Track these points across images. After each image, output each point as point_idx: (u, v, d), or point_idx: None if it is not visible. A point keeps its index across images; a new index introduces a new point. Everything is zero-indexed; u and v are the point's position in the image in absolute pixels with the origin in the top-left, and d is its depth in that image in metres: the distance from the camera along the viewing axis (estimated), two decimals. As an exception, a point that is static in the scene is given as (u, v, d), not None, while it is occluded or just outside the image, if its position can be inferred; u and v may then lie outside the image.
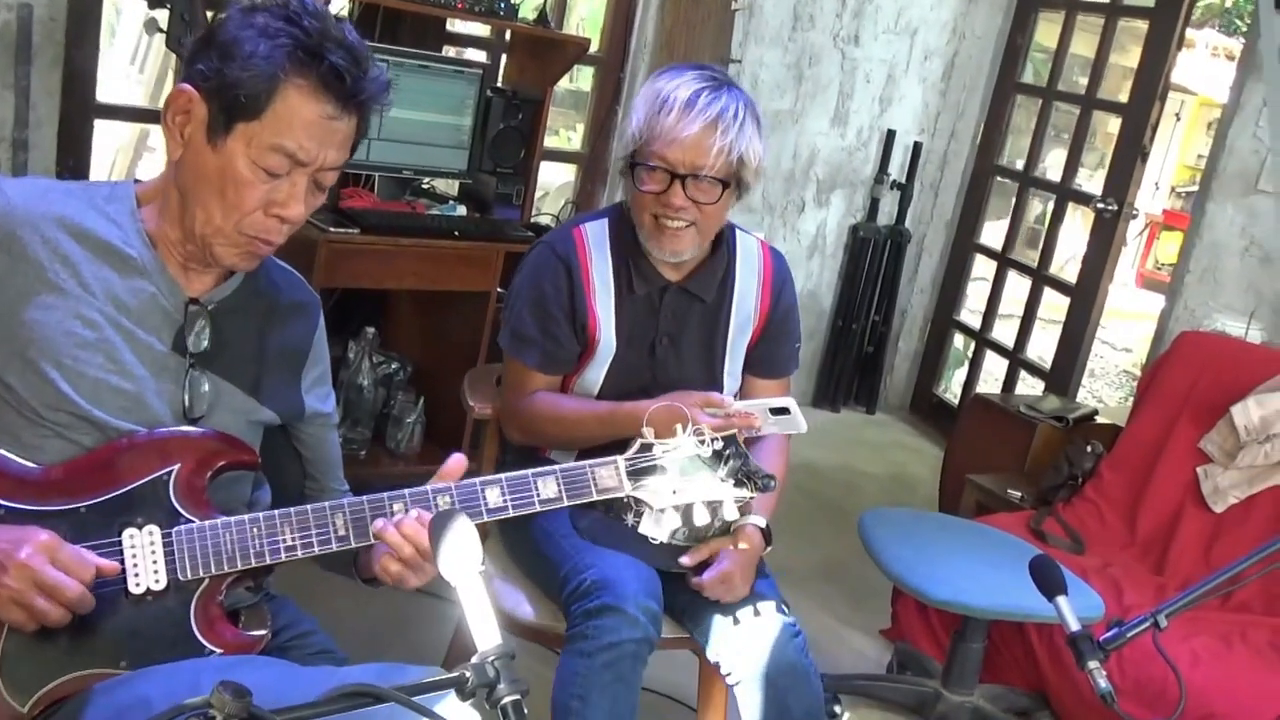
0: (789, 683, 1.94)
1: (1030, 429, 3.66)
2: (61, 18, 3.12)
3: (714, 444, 1.54)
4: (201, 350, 1.46)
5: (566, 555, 1.97)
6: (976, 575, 2.53)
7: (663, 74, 2.02)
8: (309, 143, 1.38)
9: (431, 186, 3.61)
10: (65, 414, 1.37)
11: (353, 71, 1.38)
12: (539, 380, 2.10)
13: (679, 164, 1.96)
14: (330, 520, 1.40)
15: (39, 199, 1.39)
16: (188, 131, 1.39)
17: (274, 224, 1.42)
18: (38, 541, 1.26)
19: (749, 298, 2.17)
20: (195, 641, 1.36)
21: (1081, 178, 4.73)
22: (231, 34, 1.37)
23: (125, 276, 1.41)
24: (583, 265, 2.08)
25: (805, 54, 4.59)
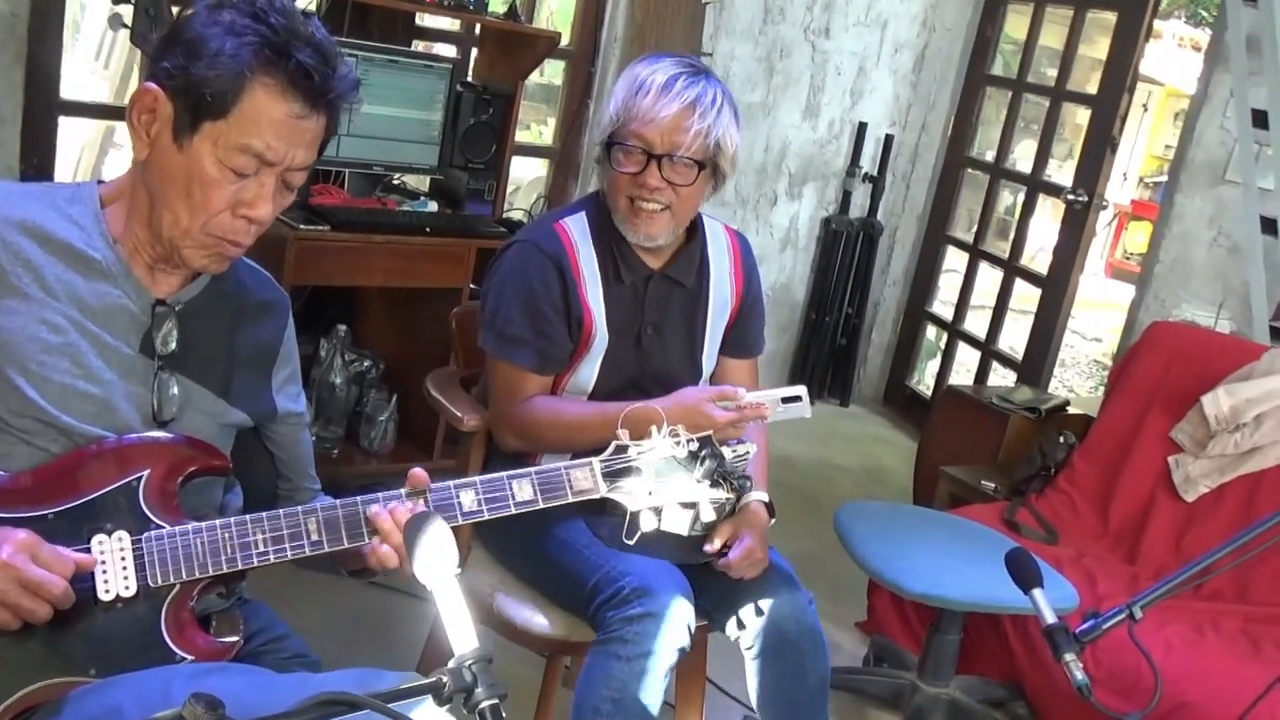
0: (808, 647, 2.00)
1: (1003, 420, 3.68)
2: (24, 13, 3.07)
3: (689, 445, 1.53)
4: (169, 352, 1.44)
5: (594, 564, 1.95)
6: (952, 568, 2.54)
7: (641, 60, 2.02)
8: (277, 142, 1.35)
9: (402, 182, 3.59)
10: (31, 420, 1.34)
11: (321, 70, 1.35)
12: (533, 382, 2.07)
13: (655, 143, 1.96)
14: (303, 524, 1.38)
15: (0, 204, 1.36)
16: (154, 130, 1.36)
17: (241, 225, 1.39)
18: (17, 540, 1.24)
19: (724, 282, 2.21)
20: (166, 648, 1.33)
21: (1051, 169, 4.76)
22: (197, 31, 1.34)
23: (89, 279, 1.39)
24: (573, 260, 2.06)
25: (776, 47, 4.59)
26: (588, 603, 1.94)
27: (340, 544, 1.40)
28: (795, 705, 2.02)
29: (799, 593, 2.04)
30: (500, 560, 2.15)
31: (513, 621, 2.05)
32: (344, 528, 1.40)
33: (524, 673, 2.35)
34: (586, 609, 1.95)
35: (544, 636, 2.04)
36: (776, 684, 2.00)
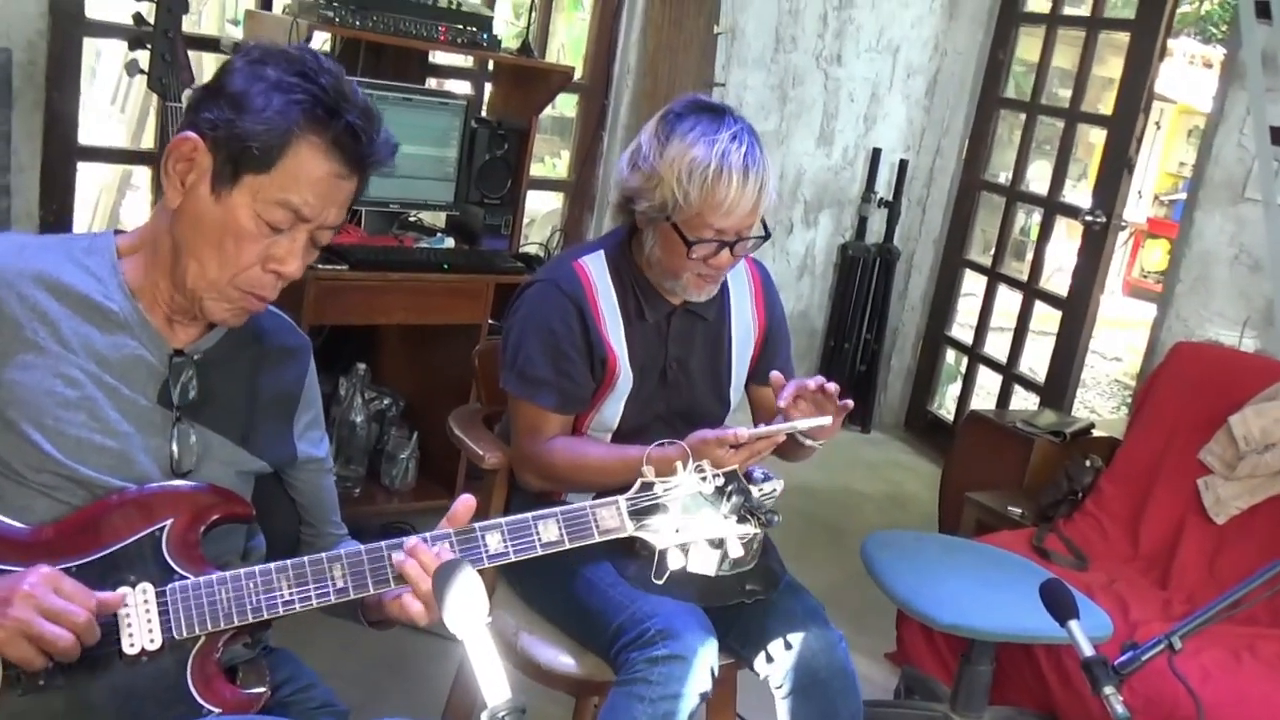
0: (839, 687, 1.98)
1: (1028, 445, 3.64)
2: (41, 61, 3.09)
3: (715, 480, 1.51)
4: (188, 403, 1.43)
5: (619, 605, 1.93)
6: (982, 597, 2.50)
7: (689, 130, 1.95)
8: (315, 199, 1.36)
9: (419, 219, 3.59)
10: (50, 474, 1.33)
11: (368, 132, 1.37)
12: (555, 422, 2.06)
13: (730, 232, 1.96)
14: (329, 572, 1.37)
15: (14, 255, 1.36)
16: (189, 180, 1.36)
17: (270, 279, 1.39)
18: (40, 573, 1.24)
19: (746, 312, 2.20)
20: (193, 701, 1.32)
21: (1065, 189, 4.74)
22: (241, 86, 1.35)
23: (106, 331, 1.38)
24: (591, 300, 2.05)
25: (789, 75, 4.59)
26: (611, 643, 1.92)
27: (366, 590, 1.38)
28: None
29: (829, 630, 2.01)
30: (525, 599, 2.13)
31: (537, 661, 2.03)
32: (370, 574, 1.38)
33: (553, 712, 2.33)
34: (610, 649, 1.93)
35: (569, 676, 2.02)
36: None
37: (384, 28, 3.18)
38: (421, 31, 3.25)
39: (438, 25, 3.27)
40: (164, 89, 2.82)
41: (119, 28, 3.12)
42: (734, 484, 1.51)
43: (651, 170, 1.96)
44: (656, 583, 1.51)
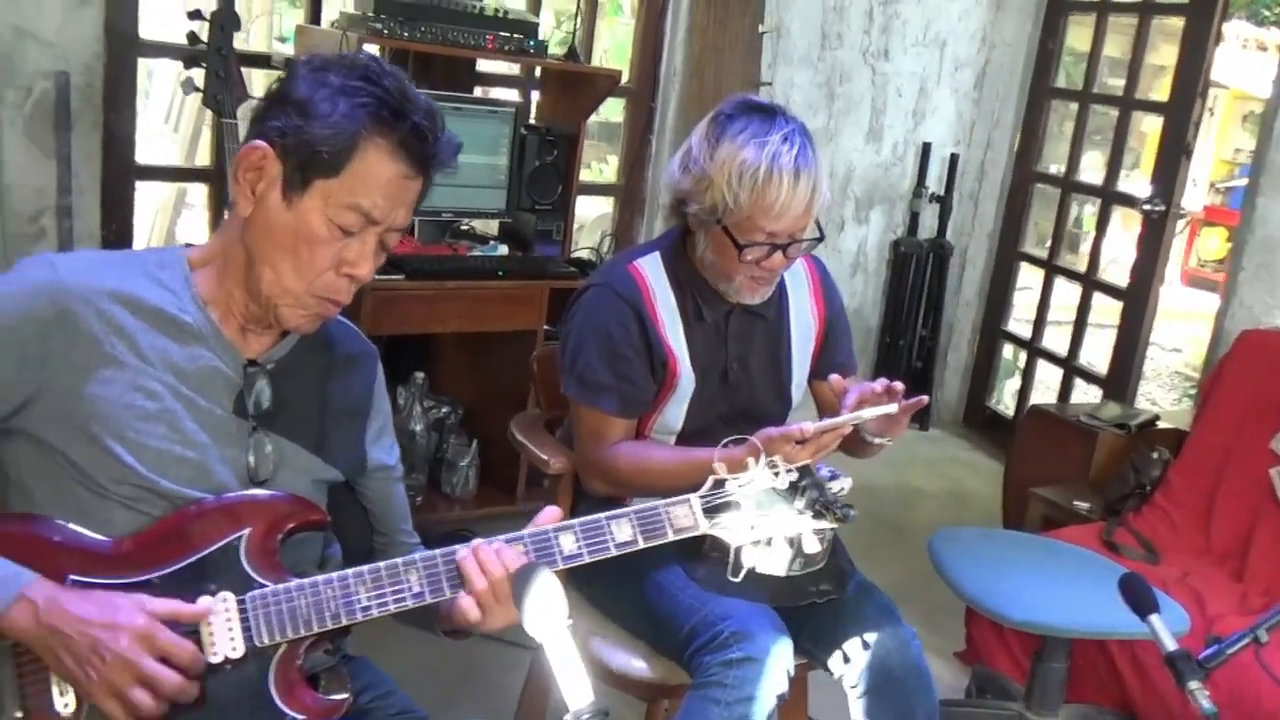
0: (915, 685, 1.95)
1: (1092, 438, 3.59)
2: (98, 83, 3.14)
3: (789, 475, 1.48)
4: (263, 412, 1.44)
5: (691, 608, 1.91)
6: (1054, 593, 2.46)
7: (739, 131, 1.93)
8: (384, 201, 1.37)
9: (471, 228, 3.60)
10: (131, 486, 1.35)
11: (432, 133, 1.38)
12: (618, 426, 2.05)
13: (783, 234, 1.95)
14: (405, 577, 1.37)
15: (90, 273, 1.37)
16: (259, 188, 1.37)
17: (344, 283, 1.40)
18: (135, 629, 1.24)
19: (804, 308, 2.18)
20: (276, 709, 1.32)
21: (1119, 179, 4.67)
22: (306, 92, 1.36)
23: (182, 343, 1.39)
24: (648, 302, 2.04)
25: (836, 72, 4.56)
26: (684, 646, 1.90)
27: (442, 594, 1.38)
28: None
29: (902, 628, 1.99)
30: (594, 603, 2.13)
31: (610, 666, 2.02)
32: (445, 578, 1.38)
33: (625, 715, 2.32)
34: (683, 653, 1.91)
35: (642, 680, 2.01)
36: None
37: (432, 37, 3.19)
38: (469, 40, 3.26)
39: (485, 34, 3.29)
40: (219, 105, 2.85)
41: (173, 47, 3.16)
42: (808, 479, 1.48)
43: (702, 173, 1.95)
44: (733, 580, 1.49)
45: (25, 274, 1.36)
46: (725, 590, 1.87)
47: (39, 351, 1.32)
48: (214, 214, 3.53)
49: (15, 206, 3.07)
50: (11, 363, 1.32)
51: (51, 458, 1.34)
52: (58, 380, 1.33)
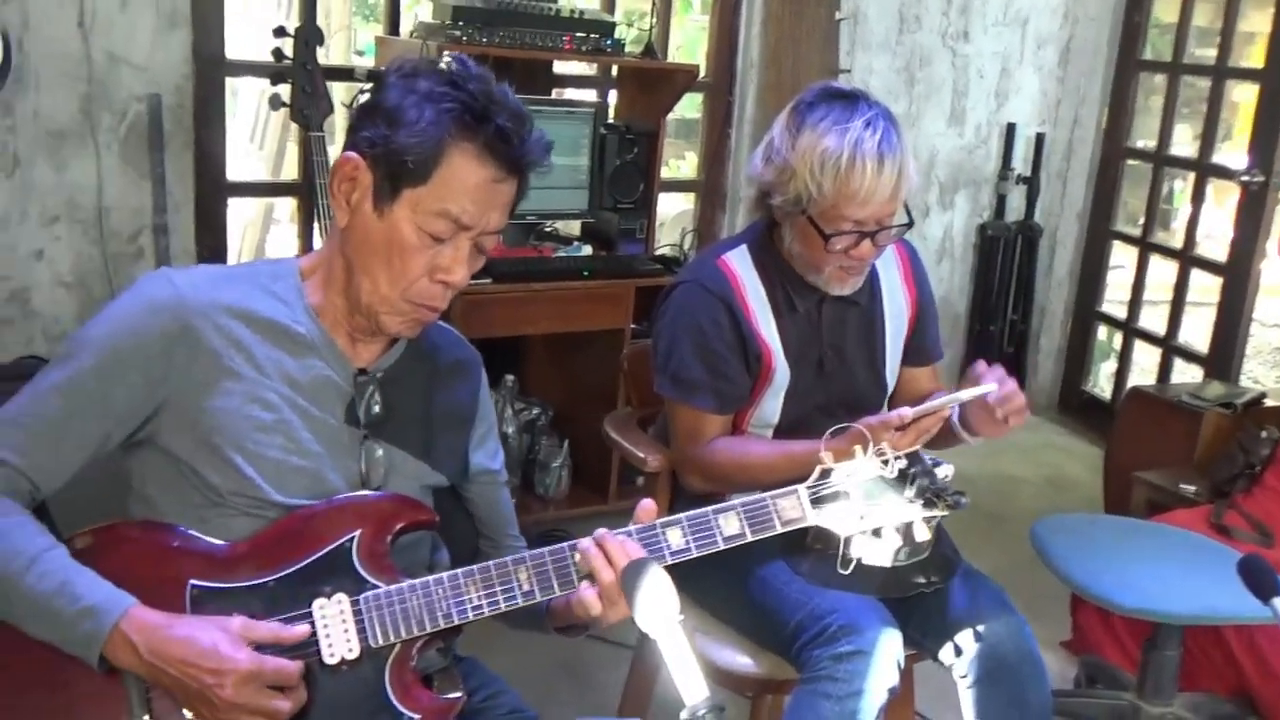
0: (1028, 674, 1.92)
1: (1196, 419, 3.49)
2: (188, 103, 3.22)
3: (898, 463, 1.46)
4: (373, 420, 1.45)
5: (797, 603, 1.89)
6: (1166, 578, 2.40)
7: (821, 119, 1.90)
8: (473, 206, 1.37)
9: (555, 229, 3.62)
10: (249, 497, 1.37)
11: (518, 134, 1.37)
12: (715, 423, 2.03)
13: (870, 221, 1.92)
14: (514, 575, 1.37)
15: (208, 288, 1.40)
16: (354, 199, 1.39)
17: (438, 289, 1.41)
18: (240, 672, 1.26)
19: (896, 293, 2.15)
20: (393, 709, 1.34)
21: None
22: (395, 101, 1.37)
23: (296, 355, 1.42)
24: (739, 296, 2.02)
25: (915, 56, 4.50)
26: (791, 641, 1.88)
27: (552, 592, 1.38)
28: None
29: (1014, 616, 1.95)
30: (695, 600, 2.11)
31: (716, 663, 2.01)
32: (554, 575, 1.38)
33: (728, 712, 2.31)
34: (790, 648, 1.89)
35: (749, 676, 1.99)
36: (1000, 715, 1.91)
37: (510, 41, 3.21)
38: (547, 42, 3.28)
39: (561, 35, 3.30)
40: (306, 119, 2.90)
41: (258, 65, 3.22)
42: (917, 466, 1.45)
43: (784, 163, 1.92)
44: (841, 573, 1.47)
45: (147, 291, 1.39)
46: (831, 583, 1.86)
47: (163, 366, 1.36)
48: (302, 226, 3.60)
49: (115, 227, 3.16)
50: (138, 379, 1.35)
51: (175, 468, 1.37)
52: (181, 394, 1.36)
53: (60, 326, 3.14)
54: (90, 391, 1.35)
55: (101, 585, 1.29)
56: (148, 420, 1.37)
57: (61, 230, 3.10)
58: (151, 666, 1.27)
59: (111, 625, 1.26)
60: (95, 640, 1.26)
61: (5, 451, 1.34)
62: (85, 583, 1.29)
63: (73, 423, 1.35)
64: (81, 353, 1.36)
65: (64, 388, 1.35)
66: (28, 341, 3.10)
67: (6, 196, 3.01)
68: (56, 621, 1.27)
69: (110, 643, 1.27)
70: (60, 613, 1.27)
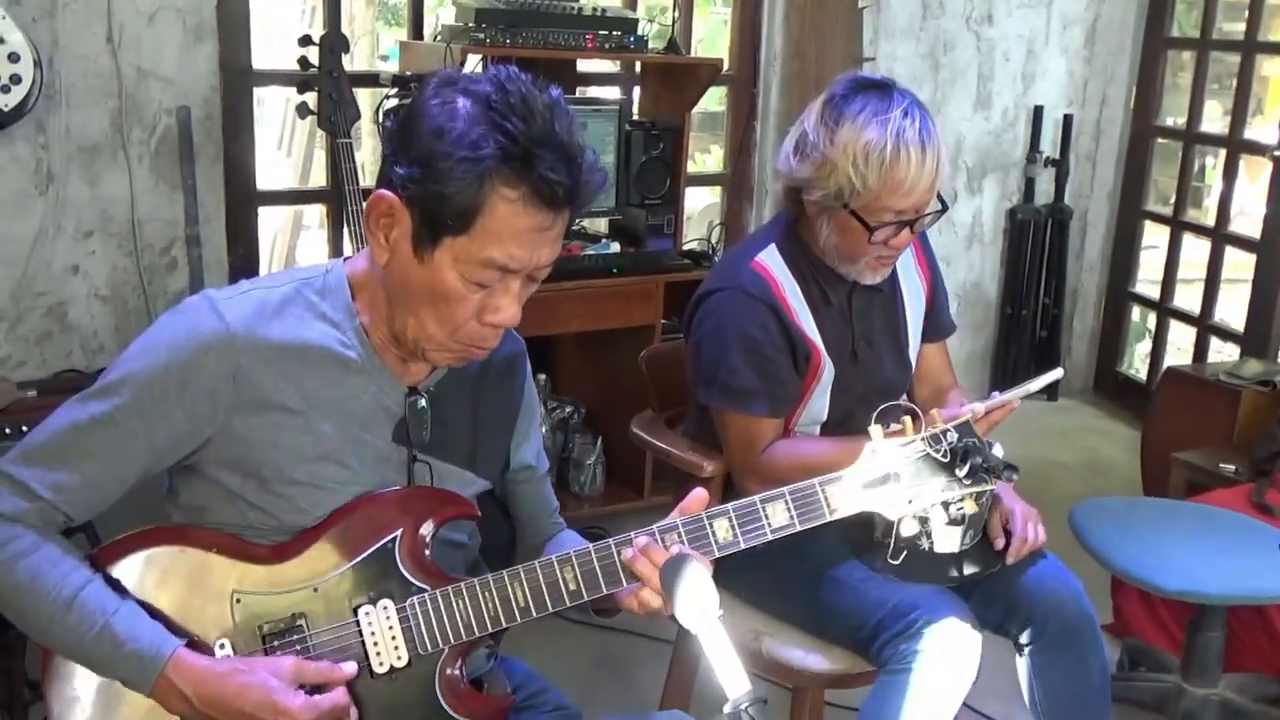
0: (1089, 639, 1.93)
1: (1234, 397, 3.46)
2: (217, 115, 3.25)
3: (947, 438, 1.43)
4: (423, 441, 1.43)
5: (879, 600, 1.88)
6: (1208, 559, 2.38)
7: (859, 112, 1.89)
8: (519, 251, 1.27)
9: (582, 227, 3.63)
10: (300, 526, 1.37)
11: (565, 180, 1.25)
12: (770, 427, 2.01)
13: (910, 211, 1.92)
14: (560, 575, 1.36)
15: (257, 320, 1.34)
16: (393, 237, 1.30)
17: (489, 331, 1.34)
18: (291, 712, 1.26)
19: (911, 274, 2.17)
20: (444, 714, 1.35)
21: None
22: (428, 143, 1.25)
23: (347, 380, 1.38)
24: (780, 298, 2.00)
25: (939, 41, 4.47)
26: (873, 638, 1.88)
27: (599, 591, 1.37)
28: (1081, 704, 1.93)
29: (1073, 580, 1.97)
30: (752, 602, 2.09)
31: (787, 663, 1.99)
32: (601, 574, 1.36)
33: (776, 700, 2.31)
34: (872, 643, 1.89)
35: (822, 673, 1.99)
36: (1061, 683, 1.92)
37: (534, 41, 3.22)
38: (570, 41, 3.28)
39: (584, 34, 3.30)
40: (334, 127, 2.93)
41: (284, 74, 3.25)
42: (968, 440, 1.42)
43: (823, 158, 1.90)
44: (893, 563, 1.47)
45: (194, 324, 1.32)
46: (910, 576, 1.88)
47: (209, 405, 1.31)
48: (332, 232, 3.63)
49: (148, 239, 3.20)
50: (182, 416, 1.31)
51: (227, 495, 1.36)
52: (227, 431, 1.33)
53: (98, 340, 3.18)
54: (132, 429, 1.31)
55: (143, 626, 1.28)
56: (193, 453, 1.34)
57: (96, 244, 3.14)
58: (204, 715, 1.27)
59: (157, 674, 1.26)
60: (143, 686, 1.27)
61: (40, 487, 1.30)
62: (125, 625, 1.28)
63: (113, 460, 1.32)
64: (124, 388, 1.31)
65: (105, 424, 1.31)
66: (66, 355, 3.15)
67: (42, 212, 3.05)
68: (103, 665, 1.28)
69: (159, 689, 1.27)
70: (105, 657, 1.27)
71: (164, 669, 1.26)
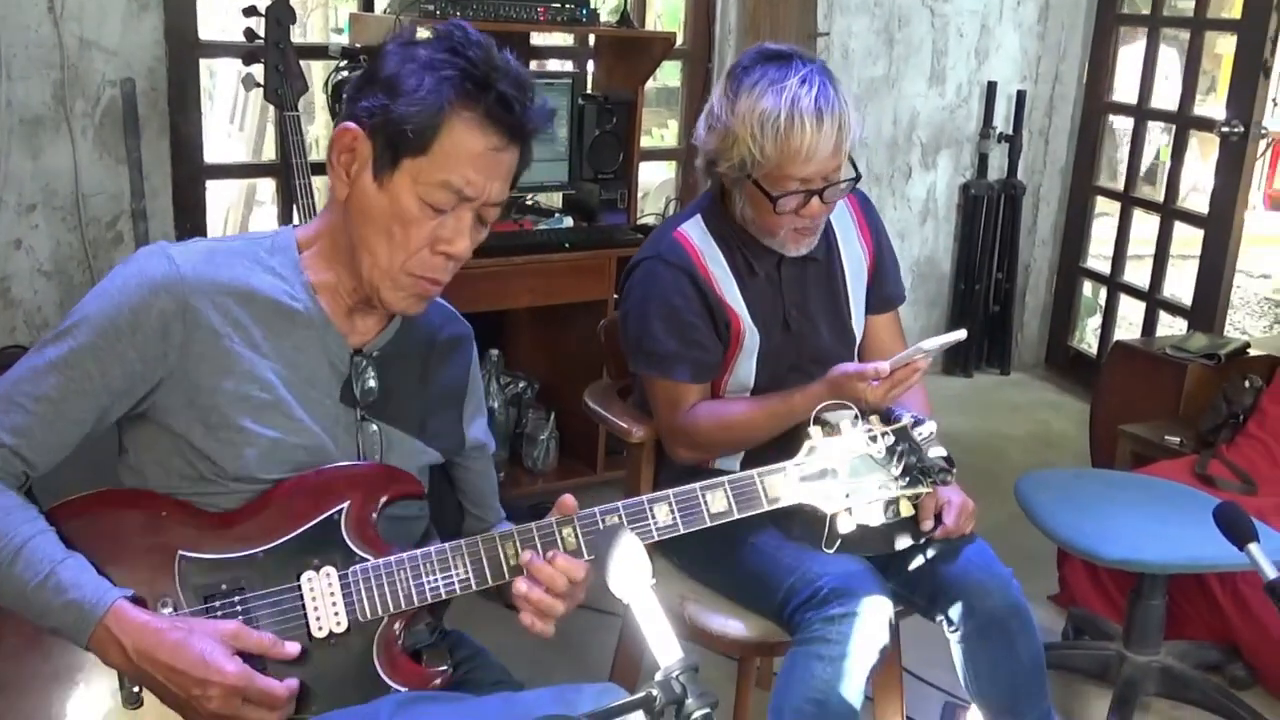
0: (1017, 626, 1.94)
1: (1180, 371, 3.51)
2: (162, 87, 3.20)
3: (885, 439, 1.47)
4: (369, 401, 1.45)
5: (789, 567, 1.91)
6: (1149, 529, 2.43)
7: (755, 82, 1.89)
8: (475, 176, 1.34)
9: (535, 202, 3.62)
10: (244, 476, 1.37)
11: (520, 100, 1.34)
12: (693, 392, 2.05)
13: (815, 179, 1.92)
14: (501, 550, 1.38)
15: (206, 266, 1.38)
16: (353, 170, 1.37)
17: (440, 261, 1.39)
18: (226, 685, 1.26)
19: (853, 244, 2.17)
20: (380, 681, 1.36)
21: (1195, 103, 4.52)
22: (393, 69, 1.34)
23: (293, 333, 1.41)
24: (700, 266, 2.03)
25: (894, 17, 4.48)
26: (784, 605, 1.91)
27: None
28: (1014, 688, 1.95)
29: (1000, 571, 1.97)
30: (685, 569, 2.13)
31: (708, 628, 2.02)
32: (541, 550, 1.39)
33: (712, 675, 2.33)
34: (783, 611, 1.91)
35: (740, 640, 2.02)
36: (991, 668, 1.94)
37: (485, 13, 3.19)
38: (521, 14, 3.26)
39: (536, 6, 3.28)
40: (280, 99, 2.90)
41: (232, 46, 3.20)
42: (905, 443, 1.46)
43: (725, 130, 1.92)
44: (827, 551, 1.48)
45: (145, 268, 1.36)
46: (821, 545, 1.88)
47: (160, 345, 1.34)
48: (282, 208, 3.59)
49: (93, 213, 3.15)
50: (135, 356, 1.34)
51: (172, 442, 1.37)
52: (179, 372, 1.35)
53: (42, 315, 3.14)
54: (88, 370, 1.33)
55: (87, 577, 1.29)
56: (145, 396, 1.36)
57: (39, 218, 3.10)
58: (137, 668, 1.27)
59: (96, 622, 1.27)
60: (80, 635, 1.27)
61: (1, 432, 1.33)
62: (71, 574, 1.28)
63: (69, 401, 1.34)
64: (78, 330, 1.34)
65: (60, 366, 1.33)
66: (10, 331, 3.11)
67: (-17, 186, 3.01)
68: (44, 613, 1.28)
69: (96, 639, 1.27)
70: (46, 605, 1.27)
71: (103, 618, 1.27)
